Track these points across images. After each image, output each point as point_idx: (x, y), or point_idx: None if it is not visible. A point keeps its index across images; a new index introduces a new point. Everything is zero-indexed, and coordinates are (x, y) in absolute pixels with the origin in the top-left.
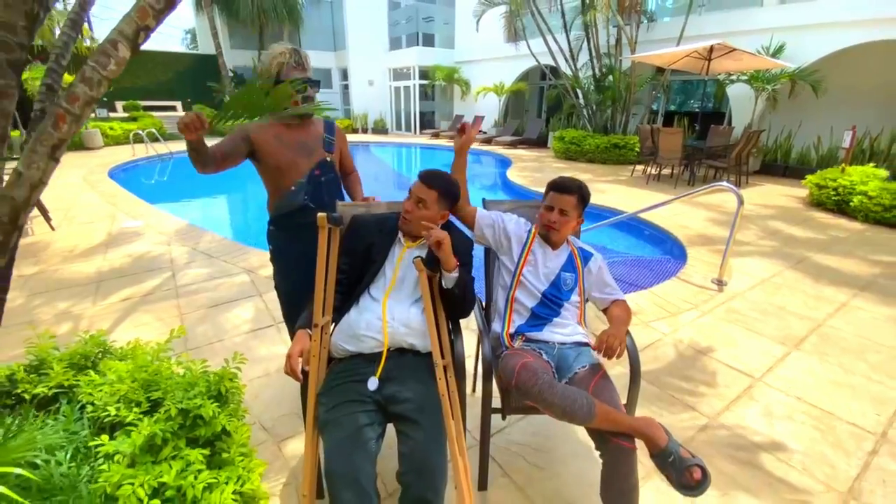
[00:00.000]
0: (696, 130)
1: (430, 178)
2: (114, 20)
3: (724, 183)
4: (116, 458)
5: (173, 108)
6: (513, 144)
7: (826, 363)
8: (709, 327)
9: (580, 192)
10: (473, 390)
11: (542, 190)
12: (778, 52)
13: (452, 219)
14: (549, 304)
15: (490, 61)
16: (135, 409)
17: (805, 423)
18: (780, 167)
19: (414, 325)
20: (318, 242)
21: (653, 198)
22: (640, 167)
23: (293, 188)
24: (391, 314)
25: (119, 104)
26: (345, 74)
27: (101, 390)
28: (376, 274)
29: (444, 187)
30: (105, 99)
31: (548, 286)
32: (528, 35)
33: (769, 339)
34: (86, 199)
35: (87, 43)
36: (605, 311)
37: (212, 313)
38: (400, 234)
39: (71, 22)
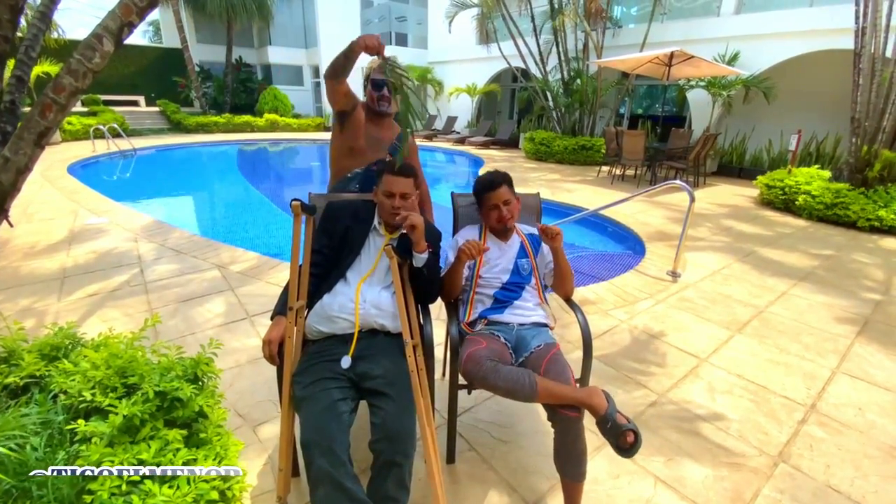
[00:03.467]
0: (657, 133)
1: (401, 170)
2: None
3: (678, 181)
4: (94, 440)
5: (136, 104)
6: (485, 145)
7: (765, 344)
8: (662, 314)
9: (507, 180)
10: (443, 375)
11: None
12: (733, 59)
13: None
14: (511, 289)
15: (463, 62)
16: (111, 395)
17: (743, 397)
18: (735, 169)
19: (384, 306)
20: (293, 229)
21: (616, 197)
22: (605, 168)
23: (349, 175)
24: (363, 297)
25: None
26: (316, 72)
27: (73, 379)
28: (353, 261)
29: (413, 172)
30: None
31: (507, 276)
32: (499, 38)
33: (716, 325)
34: (45, 196)
35: (55, 35)
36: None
37: (183, 308)
38: (376, 223)
39: (40, 14)
